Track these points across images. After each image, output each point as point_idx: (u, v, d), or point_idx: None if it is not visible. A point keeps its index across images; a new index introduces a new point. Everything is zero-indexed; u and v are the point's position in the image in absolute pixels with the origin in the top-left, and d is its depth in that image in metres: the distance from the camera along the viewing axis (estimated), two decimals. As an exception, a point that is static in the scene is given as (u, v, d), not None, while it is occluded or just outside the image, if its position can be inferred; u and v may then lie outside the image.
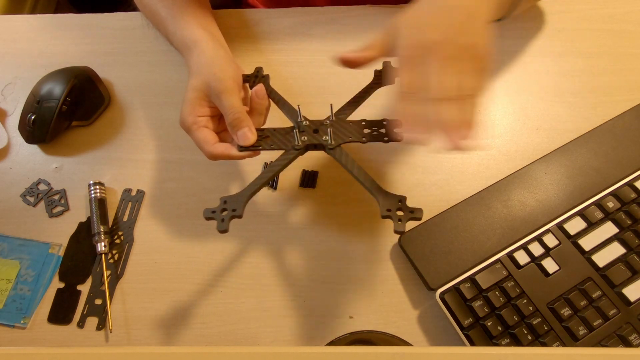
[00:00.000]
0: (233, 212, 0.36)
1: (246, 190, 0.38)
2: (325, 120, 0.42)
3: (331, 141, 0.40)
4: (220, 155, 0.42)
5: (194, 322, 0.44)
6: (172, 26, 0.49)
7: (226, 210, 0.37)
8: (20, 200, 0.50)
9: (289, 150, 0.41)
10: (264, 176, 0.39)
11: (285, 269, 0.46)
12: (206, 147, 0.42)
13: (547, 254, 0.42)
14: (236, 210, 0.36)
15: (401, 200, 0.36)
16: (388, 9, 0.59)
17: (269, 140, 0.41)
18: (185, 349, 0.24)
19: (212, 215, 0.36)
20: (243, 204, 0.37)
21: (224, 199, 0.37)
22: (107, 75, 0.57)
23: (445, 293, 0.42)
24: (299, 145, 0.40)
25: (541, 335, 0.39)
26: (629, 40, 0.55)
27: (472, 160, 0.50)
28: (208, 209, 0.37)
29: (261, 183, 0.39)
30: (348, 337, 0.42)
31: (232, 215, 0.36)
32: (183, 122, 0.43)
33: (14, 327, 0.45)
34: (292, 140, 0.41)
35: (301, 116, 0.42)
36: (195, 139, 0.43)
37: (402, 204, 0.35)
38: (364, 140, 0.40)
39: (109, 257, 0.47)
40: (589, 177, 0.46)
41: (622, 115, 0.50)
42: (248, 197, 0.38)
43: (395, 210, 0.35)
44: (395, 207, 0.35)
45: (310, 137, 0.41)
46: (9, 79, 0.57)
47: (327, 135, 0.40)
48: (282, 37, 0.58)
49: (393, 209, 0.35)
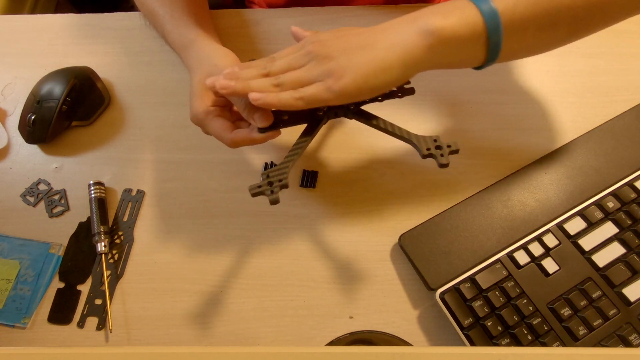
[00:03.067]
0: (280, 182, 0.37)
1: (286, 161, 0.38)
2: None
3: (351, 105, 0.41)
4: (242, 141, 0.41)
5: (194, 322, 0.44)
6: (169, 25, 0.49)
7: (272, 183, 0.37)
8: (20, 200, 0.50)
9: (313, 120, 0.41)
10: (298, 147, 0.40)
11: (285, 269, 0.46)
12: (226, 135, 0.41)
13: (547, 254, 0.42)
14: (282, 180, 0.37)
15: (436, 139, 0.38)
16: (388, 9, 0.59)
17: (288, 118, 0.41)
18: (185, 349, 0.24)
19: (260, 190, 0.37)
20: (287, 173, 0.37)
21: (265, 174, 0.37)
22: (107, 75, 0.57)
23: (445, 293, 0.42)
24: (320, 115, 0.41)
25: (541, 335, 0.39)
26: (629, 40, 0.55)
27: (472, 160, 0.50)
28: (253, 185, 0.37)
29: (298, 153, 0.39)
30: (348, 337, 0.42)
31: (280, 185, 0.37)
32: (195, 115, 0.43)
33: (14, 327, 0.45)
34: (311, 113, 0.41)
35: None
36: (213, 129, 0.42)
37: (438, 142, 0.38)
38: (380, 99, 0.42)
39: (109, 257, 0.47)
40: (589, 177, 0.47)
41: (622, 115, 0.50)
42: (290, 167, 0.38)
43: (434, 148, 0.38)
44: (434, 146, 0.38)
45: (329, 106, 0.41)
46: (9, 79, 0.57)
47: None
48: (282, 37, 0.58)
49: (432, 147, 0.38)
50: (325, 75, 0.36)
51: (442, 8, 0.36)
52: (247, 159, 0.51)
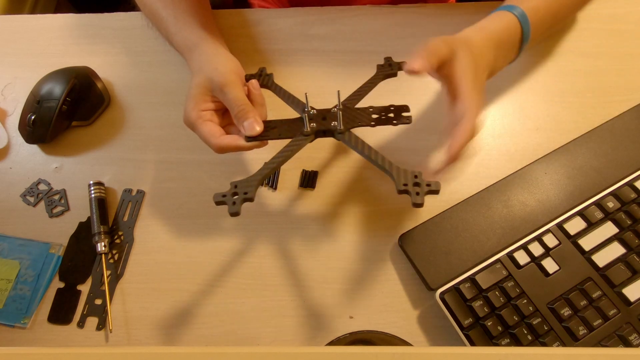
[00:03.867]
0: (245, 195, 0.36)
1: (257, 174, 0.38)
2: (333, 108, 0.42)
3: (340, 126, 0.40)
4: (228, 147, 0.42)
5: (194, 322, 0.44)
6: (173, 27, 0.49)
7: (237, 195, 0.36)
8: (20, 200, 0.50)
9: (298, 137, 0.41)
10: (274, 161, 0.39)
11: (285, 269, 0.46)
12: (213, 140, 0.42)
13: (547, 254, 0.42)
14: (247, 194, 0.36)
15: (417, 175, 0.36)
16: (388, 9, 0.59)
17: (277, 130, 0.42)
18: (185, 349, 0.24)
19: (223, 199, 0.36)
20: (254, 187, 0.37)
21: (234, 183, 0.37)
22: (107, 75, 0.57)
23: (445, 293, 0.42)
24: (308, 131, 0.40)
25: (541, 335, 0.39)
26: (629, 40, 0.55)
27: (472, 160, 0.50)
28: (218, 194, 0.36)
29: (271, 168, 0.39)
30: (348, 337, 0.42)
31: (244, 198, 0.36)
32: (187, 118, 0.43)
33: (14, 327, 0.45)
34: (300, 128, 0.41)
35: (308, 105, 0.42)
36: (201, 133, 0.42)
37: (418, 178, 0.36)
38: (373, 124, 0.40)
39: (109, 257, 0.47)
40: (589, 177, 0.46)
41: (622, 115, 0.50)
42: (259, 181, 0.38)
43: (412, 185, 0.35)
44: (412, 182, 0.35)
45: (319, 124, 0.41)
46: (9, 79, 0.57)
47: (335, 121, 0.41)
48: (282, 37, 0.58)
49: (409, 183, 0.35)
50: None
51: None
52: (247, 159, 0.51)
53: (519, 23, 0.43)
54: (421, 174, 0.36)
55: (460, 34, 0.41)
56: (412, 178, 0.36)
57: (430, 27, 0.58)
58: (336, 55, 0.57)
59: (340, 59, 0.56)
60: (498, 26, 0.43)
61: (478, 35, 0.41)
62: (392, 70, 0.46)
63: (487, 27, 0.42)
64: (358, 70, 0.56)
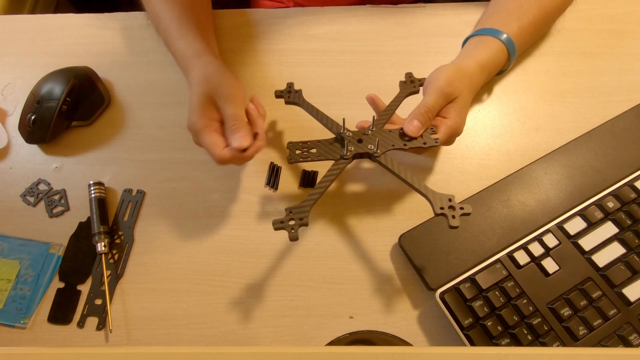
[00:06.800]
0: (300, 220, 0.39)
1: (308, 200, 0.40)
2: (367, 131, 0.44)
3: (377, 149, 0.42)
4: (230, 159, 0.42)
5: (194, 322, 0.44)
6: (177, 31, 0.49)
7: (293, 220, 0.38)
8: (20, 200, 0.50)
9: (338, 160, 0.43)
10: (321, 186, 0.41)
11: (285, 269, 0.46)
12: (216, 151, 0.42)
13: (547, 254, 0.42)
14: (303, 219, 0.39)
15: (451, 199, 0.38)
16: (388, 9, 0.59)
17: (316, 151, 0.43)
18: (185, 349, 0.24)
19: (282, 226, 0.38)
20: (308, 212, 0.39)
21: (289, 210, 0.39)
22: (107, 75, 0.57)
23: (445, 293, 0.42)
24: (347, 155, 0.43)
25: (541, 335, 0.39)
26: (629, 40, 0.55)
27: (472, 160, 0.50)
28: (277, 220, 0.38)
29: (319, 193, 0.41)
30: (348, 337, 0.42)
31: (301, 223, 0.38)
32: (192, 125, 0.43)
33: (14, 327, 0.45)
34: (337, 150, 0.43)
35: (345, 127, 0.44)
36: (206, 143, 0.43)
37: (452, 202, 0.38)
38: (405, 147, 0.43)
39: (109, 257, 0.47)
40: (589, 177, 0.47)
41: (622, 115, 0.50)
42: (311, 206, 0.40)
43: (447, 208, 0.38)
44: (447, 205, 0.38)
45: (357, 147, 0.43)
46: (9, 79, 0.57)
47: (371, 144, 0.43)
48: (282, 37, 0.58)
49: (445, 206, 0.38)
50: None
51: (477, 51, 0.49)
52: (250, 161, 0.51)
53: (505, 49, 0.48)
54: (454, 197, 0.38)
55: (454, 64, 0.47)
56: (447, 202, 0.38)
57: (431, 27, 0.58)
58: (336, 55, 0.57)
59: (340, 59, 0.56)
60: (486, 54, 0.48)
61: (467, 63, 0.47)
62: (414, 89, 0.47)
63: (475, 57, 0.48)
64: (358, 70, 0.56)
